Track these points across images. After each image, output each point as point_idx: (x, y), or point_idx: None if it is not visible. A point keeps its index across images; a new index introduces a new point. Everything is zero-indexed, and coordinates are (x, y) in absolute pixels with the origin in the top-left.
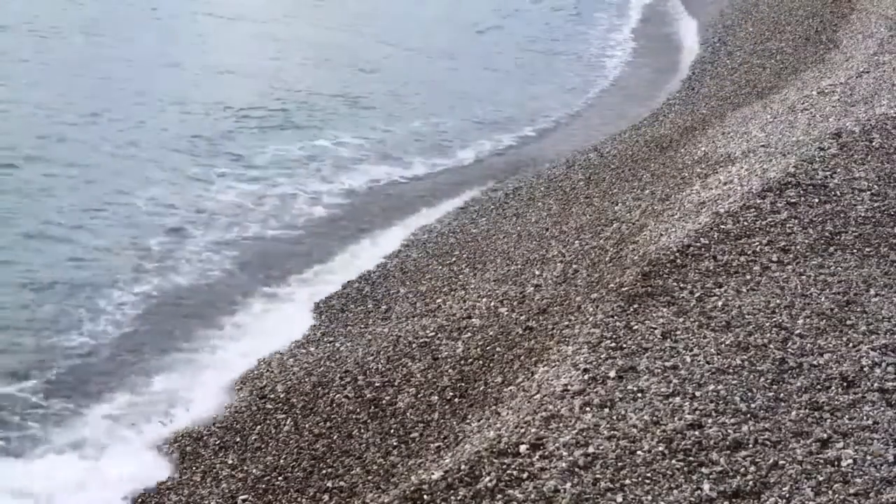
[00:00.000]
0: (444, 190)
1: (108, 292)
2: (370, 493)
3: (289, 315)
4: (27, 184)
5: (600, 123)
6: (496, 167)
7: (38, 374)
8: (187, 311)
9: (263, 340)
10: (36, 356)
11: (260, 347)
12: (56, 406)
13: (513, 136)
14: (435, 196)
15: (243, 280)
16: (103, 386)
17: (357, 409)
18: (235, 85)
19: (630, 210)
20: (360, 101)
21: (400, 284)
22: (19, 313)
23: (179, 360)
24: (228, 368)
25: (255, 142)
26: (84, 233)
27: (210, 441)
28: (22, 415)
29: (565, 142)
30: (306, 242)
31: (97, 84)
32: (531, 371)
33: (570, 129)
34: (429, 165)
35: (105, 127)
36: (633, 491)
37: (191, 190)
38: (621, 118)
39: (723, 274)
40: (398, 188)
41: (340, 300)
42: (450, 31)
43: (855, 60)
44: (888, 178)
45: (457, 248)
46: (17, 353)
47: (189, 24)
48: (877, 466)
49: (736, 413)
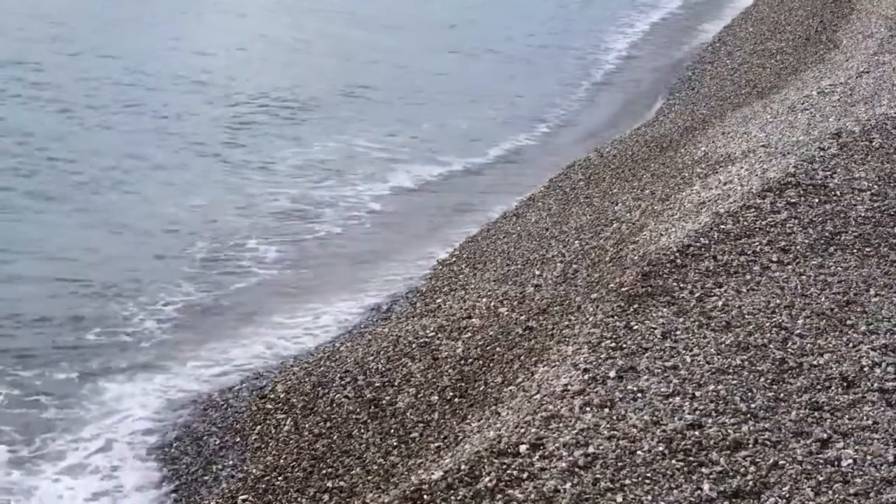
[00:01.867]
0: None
1: (133, 294)
2: (370, 493)
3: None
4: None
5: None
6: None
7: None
8: (220, 313)
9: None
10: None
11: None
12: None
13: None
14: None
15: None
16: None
17: (357, 409)
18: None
19: (630, 210)
20: (361, 100)
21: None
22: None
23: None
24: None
25: (262, 142)
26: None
27: (210, 441)
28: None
29: (567, 142)
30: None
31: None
32: (531, 371)
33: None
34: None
35: (116, 134)
36: (633, 491)
37: (222, 193)
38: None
39: (723, 274)
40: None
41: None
42: (426, 28)
43: (855, 60)
44: (888, 178)
45: (457, 247)
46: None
47: (193, 21)
48: (877, 466)
49: (736, 413)
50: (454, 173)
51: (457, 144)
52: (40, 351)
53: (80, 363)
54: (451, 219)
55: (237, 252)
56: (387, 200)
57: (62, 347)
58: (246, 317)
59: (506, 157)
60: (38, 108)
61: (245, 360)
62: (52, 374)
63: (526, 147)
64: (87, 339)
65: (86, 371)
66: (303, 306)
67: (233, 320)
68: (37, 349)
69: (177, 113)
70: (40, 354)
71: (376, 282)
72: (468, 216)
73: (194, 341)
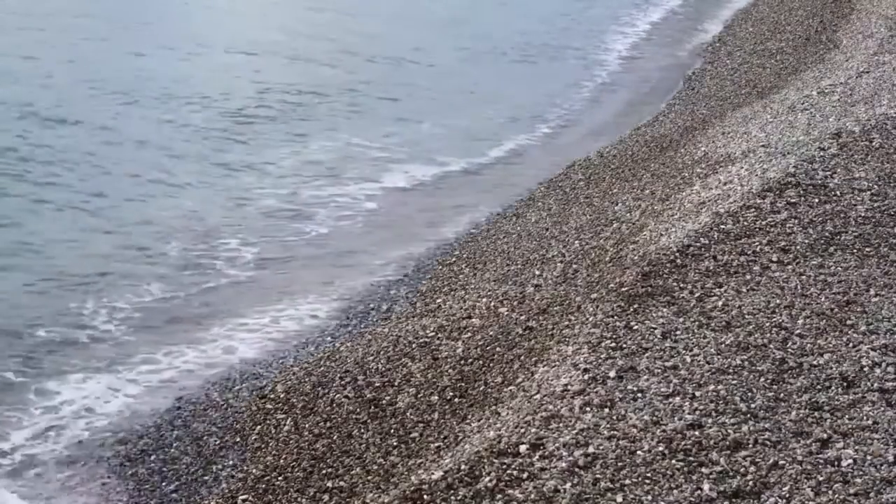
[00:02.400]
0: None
1: (123, 289)
2: (370, 493)
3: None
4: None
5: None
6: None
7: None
8: (204, 310)
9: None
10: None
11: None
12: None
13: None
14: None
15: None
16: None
17: (357, 409)
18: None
19: (630, 210)
20: (360, 99)
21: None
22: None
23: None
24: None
25: (258, 142)
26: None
27: (210, 441)
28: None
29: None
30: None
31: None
32: (531, 371)
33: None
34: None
35: (108, 131)
36: (633, 491)
37: (219, 192)
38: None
39: (723, 274)
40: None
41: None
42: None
43: (855, 60)
44: (888, 178)
45: (457, 248)
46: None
47: (193, 14)
48: (877, 466)
49: (736, 413)
50: (453, 173)
51: (456, 144)
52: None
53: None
54: (451, 219)
55: (215, 251)
56: (382, 200)
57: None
58: (210, 317)
59: (506, 157)
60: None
61: (231, 359)
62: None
63: (526, 147)
64: (40, 335)
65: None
66: (277, 305)
67: (200, 319)
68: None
69: (170, 112)
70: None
71: (363, 282)
72: (468, 216)
73: (152, 342)
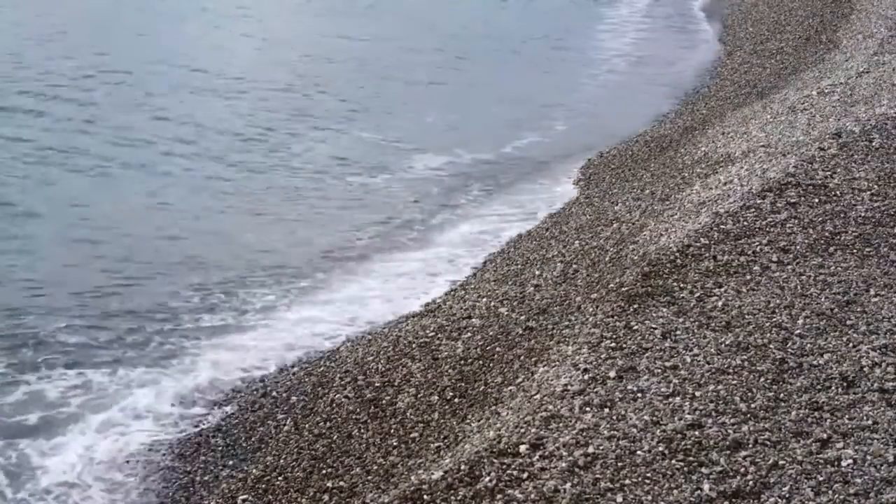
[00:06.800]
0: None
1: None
2: (370, 493)
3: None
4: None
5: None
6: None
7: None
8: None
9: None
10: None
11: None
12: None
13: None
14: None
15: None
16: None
17: (357, 409)
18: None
19: (630, 210)
20: (361, 99)
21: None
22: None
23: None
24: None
25: (260, 142)
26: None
27: (210, 441)
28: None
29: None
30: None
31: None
32: (531, 371)
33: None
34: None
35: (125, 133)
36: (633, 491)
37: (245, 183)
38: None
39: (723, 274)
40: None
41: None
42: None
43: (855, 60)
44: (888, 178)
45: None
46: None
47: (200, 22)
48: (877, 466)
49: (736, 413)
50: (455, 172)
51: (457, 144)
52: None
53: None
54: (450, 218)
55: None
56: (384, 198)
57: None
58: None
59: (506, 157)
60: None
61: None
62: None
63: (527, 147)
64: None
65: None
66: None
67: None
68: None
69: (182, 114)
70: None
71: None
72: (466, 216)
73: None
